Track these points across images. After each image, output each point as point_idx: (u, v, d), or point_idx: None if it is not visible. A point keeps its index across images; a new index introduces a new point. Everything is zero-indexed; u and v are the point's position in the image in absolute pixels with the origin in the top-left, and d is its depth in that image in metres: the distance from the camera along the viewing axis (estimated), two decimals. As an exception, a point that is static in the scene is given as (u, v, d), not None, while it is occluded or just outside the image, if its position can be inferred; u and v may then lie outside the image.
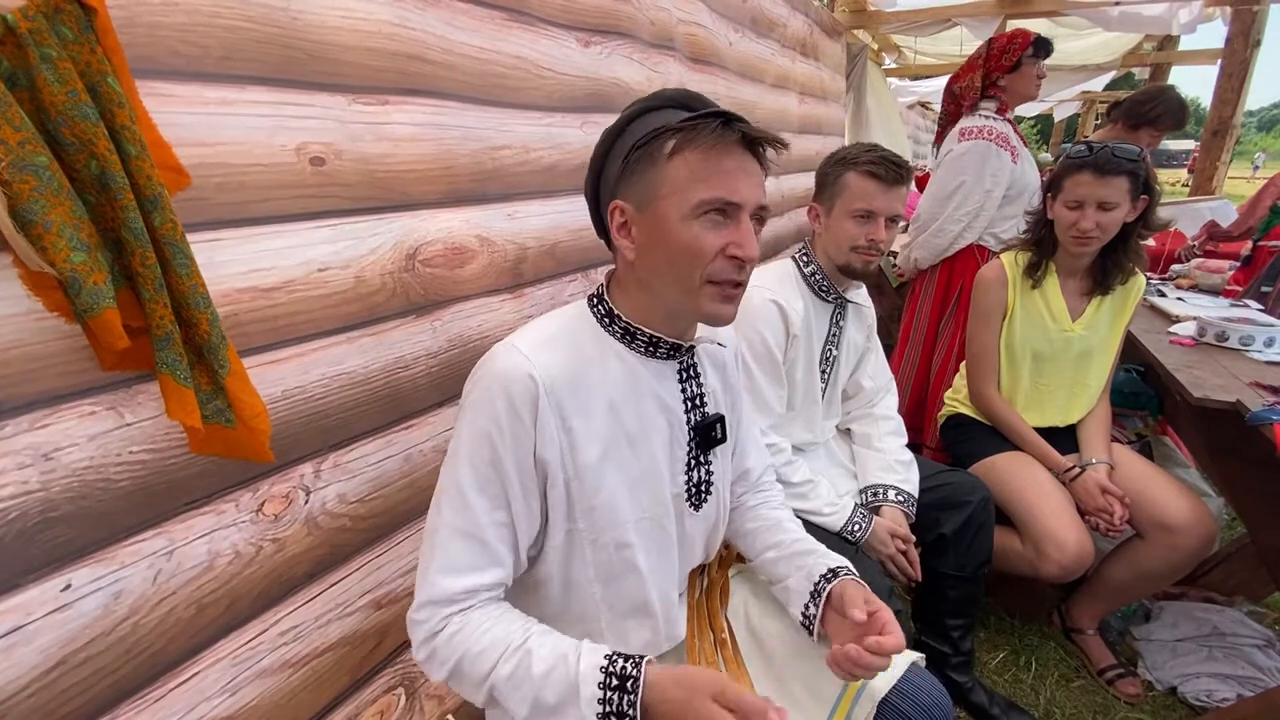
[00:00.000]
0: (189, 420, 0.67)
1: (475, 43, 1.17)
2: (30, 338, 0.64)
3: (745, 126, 0.76)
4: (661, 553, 0.90)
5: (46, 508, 0.65)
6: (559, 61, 1.40)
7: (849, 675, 0.79)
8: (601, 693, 0.71)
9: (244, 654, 0.85)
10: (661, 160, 0.76)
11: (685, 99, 0.82)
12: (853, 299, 1.51)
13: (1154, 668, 1.68)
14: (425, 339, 1.11)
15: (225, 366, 0.71)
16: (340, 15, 0.92)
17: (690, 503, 0.92)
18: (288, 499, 0.90)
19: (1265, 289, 2.18)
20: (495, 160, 1.24)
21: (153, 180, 0.66)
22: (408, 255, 1.06)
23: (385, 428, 1.05)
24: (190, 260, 0.68)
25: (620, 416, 0.83)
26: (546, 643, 0.76)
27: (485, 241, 1.21)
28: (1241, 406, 1.40)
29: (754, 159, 0.79)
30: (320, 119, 0.90)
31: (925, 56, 5.95)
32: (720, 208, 0.76)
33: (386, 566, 1.06)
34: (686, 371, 0.90)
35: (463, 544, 0.77)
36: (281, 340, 0.88)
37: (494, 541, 0.78)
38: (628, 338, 0.85)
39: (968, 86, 2.34)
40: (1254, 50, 3.72)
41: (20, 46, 0.58)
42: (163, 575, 0.76)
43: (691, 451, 0.90)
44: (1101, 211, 1.51)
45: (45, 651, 0.66)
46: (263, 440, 0.75)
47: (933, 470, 1.59)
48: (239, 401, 0.72)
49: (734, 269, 0.78)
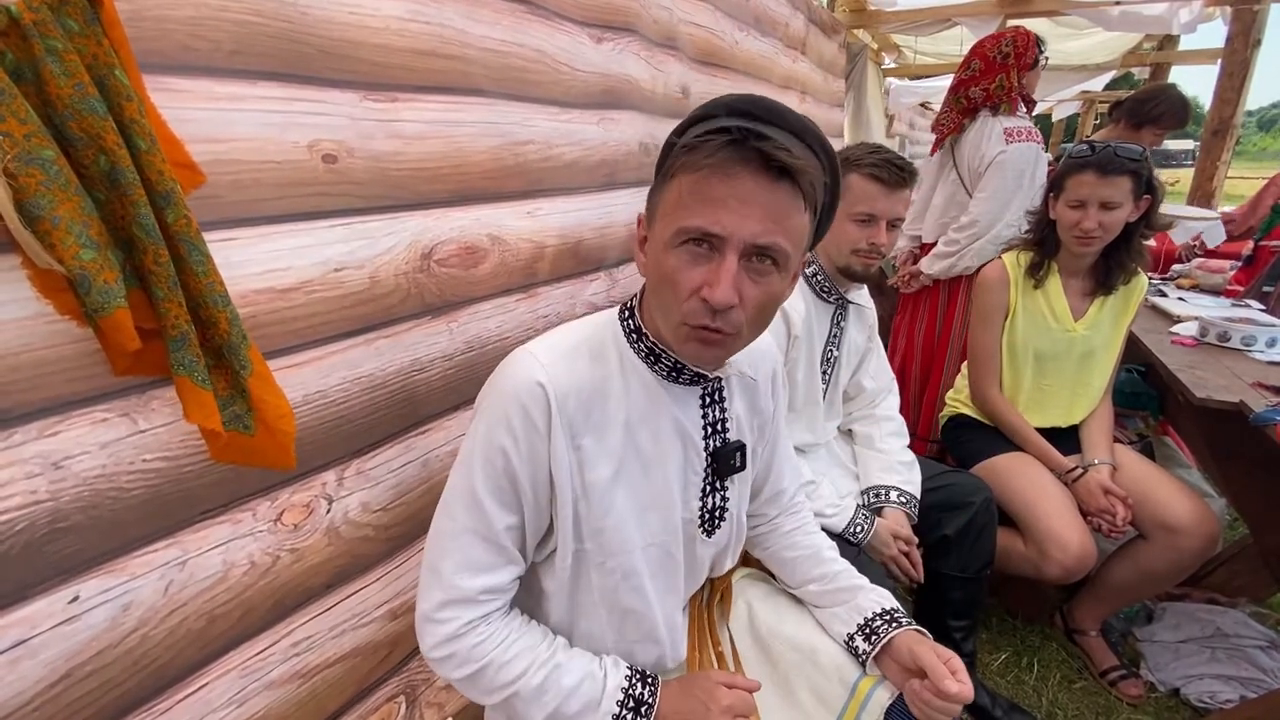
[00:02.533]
0: (209, 423, 0.65)
1: (496, 35, 1.15)
2: (40, 342, 0.62)
3: (764, 144, 0.65)
4: (668, 579, 0.88)
5: (55, 518, 0.63)
6: (575, 57, 1.38)
7: None
8: (619, 710, 0.78)
9: (254, 665, 0.83)
10: (667, 178, 0.71)
11: (745, 106, 0.70)
12: (854, 300, 1.51)
13: (1157, 669, 1.69)
14: (442, 341, 1.09)
15: (247, 367, 0.69)
16: (349, 10, 0.90)
17: (703, 528, 0.90)
18: (308, 508, 0.88)
19: (1267, 289, 2.20)
20: (517, 156, 1.22)
21: (165, 175, 0.64)
22: (423, 255, 1.04)
23: (403, 432, 1.03)
24: (207, 257, 0.66)
25: (635, 438, 0.80)
26: (574, 657, 0.81)
27: (496, 240, 1.19)
28: (1245, 407, 1.41)
29: (776, 186, 0.66)
30: (332, 116, 0.88)
31: (925, 56, 5.94)
32: (697, 239, 0.67)
33: (405, 576, 1.05)
34: (711, 396, 0.86)
35: (480, 546, 0.77)
36: (301, 343, 0.86)
37: (508, 544, 0.78)
38: (651, 358, 0.80)
39: (1000, 88, 2.28)
40: (1254, 50, 3.73)
41: (25, 38, 0.57)
42: (174, 586, 0.74)
43: (707, 478, 0.88)
44: (1104, 211, 1.51)
45: (51, 665, 0.64)
46: (287, 444, 0.73)
47: (935, 471, 1.59)
48: (262, 403, 0.70)
49: (705, 312, 0.68)
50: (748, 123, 0.67)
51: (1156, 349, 1.85)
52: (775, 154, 0.64)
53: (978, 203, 2.29)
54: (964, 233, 2.30)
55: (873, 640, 0.89)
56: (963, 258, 2.32)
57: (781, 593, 1.05)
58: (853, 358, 1.58)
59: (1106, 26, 4.03)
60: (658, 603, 0.86)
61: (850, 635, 0.92)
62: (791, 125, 0.69)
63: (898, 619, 0.91)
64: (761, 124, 0.67)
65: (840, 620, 0.94)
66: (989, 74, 2.30)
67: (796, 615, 1.00)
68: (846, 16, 4.22)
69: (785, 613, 1.00)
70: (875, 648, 0.88)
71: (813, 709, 0.90)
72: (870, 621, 0.91)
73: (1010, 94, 2.27)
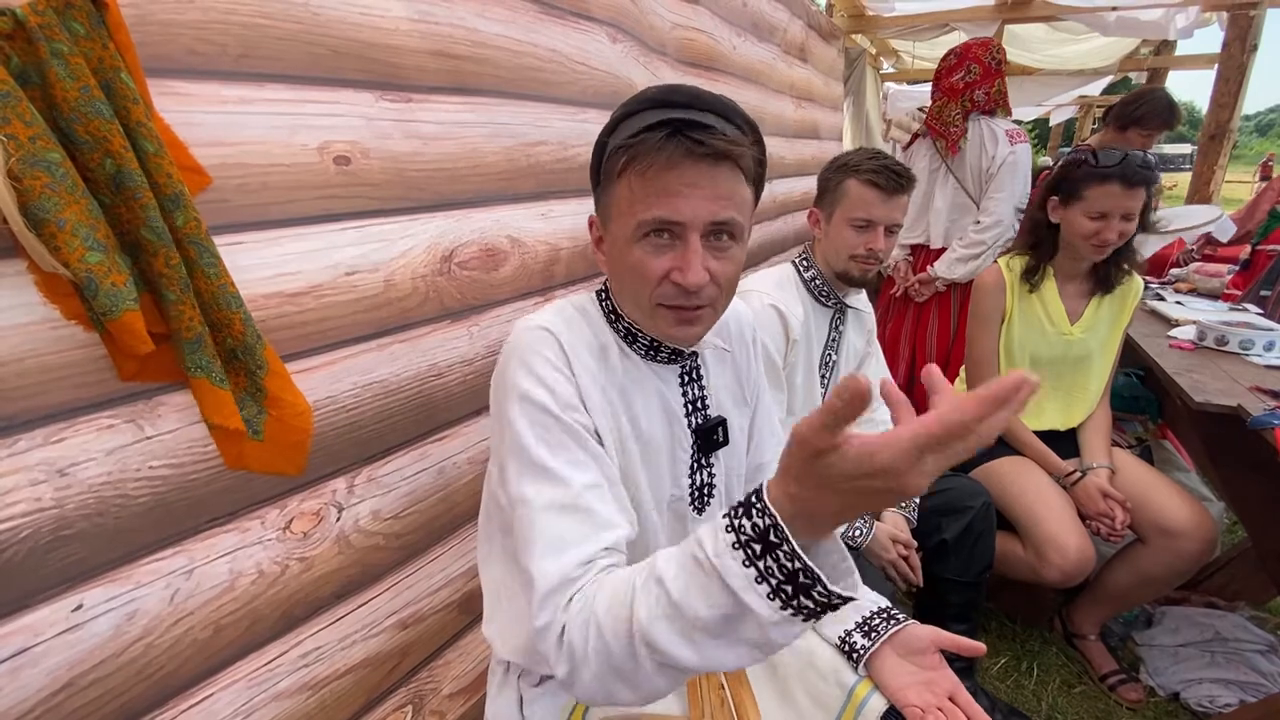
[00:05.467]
0: (230, 422, 0.65)
1: (511, 34, 1.14)
2: (46, 347, 0.61)
3: (700, 134, 0.67)
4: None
5: (60, 525, 0.63)
6: (592, 56, 1.38)
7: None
8: (751, 569, 0.50)
9: (261, 676, 0.82)
10: (614, 180, 0.74)
11: (665, 97, 0.73)
12: (853, 304, 1.52)
13: (1156, 673, 1.69)
14: (462, 345, 1.08)
15: (264, 366, 0.69)
16: (359, 11, 0.89)
17: (694, 506, 0.91)
18: (318, 516, 0.87)
19: (1264, 293, 2.20)
20: (530, 157, 1.21)
21: (173, 178, 0.64)
22: (443, 258, 1.03)
23: (419, 439, 1.02)
24: (217, 259, 0.66)
25: (631, 405, 0.83)
26: (671, 558, 0.58)
27: (516, 242, 1.19)
28: (1243, 411, 1.41)
29: (717, 168, 0.70)
30: (345, 116, 0.88)
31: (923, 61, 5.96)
32: (659, 229, 0.71)
33: (416, 586, 1.04)
34: (689, 375, 0.89)
35: (562, 518, 0.67)
36: (311, 348, 0.85)
37: (595, 505, 0.69)
38: (630, 338, 0.84)
39: (999, 92, 2.38)
40: (1251, 55, 3.75)
41: (30, 42, 0.57)
42: (180, 595, 0.73)
43: (694, 455, 0.90)
44: (1124, 221, 1.52)
45: (53, 674, 0.63)
46: (304, 441, 0.72)
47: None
48: (280, 402, 0.70)
49: (679, 294, 0.73)
50: (678, 113, 0.70)
51: (1154, 352, 1.85)
52: (711, 141, 0.68)
53: (998, 203, 2.34)
54: (989, 233, 2.35)
55: (872, 636, 0.89)
56: (988, 258, 2.36)
57: None
58: (851, 362, 1.59)
59: (1103, 31, 4.05)
60: None
61: (847, 632, 0.91)
62: (713, 106, 0.73)
63: (897, 617, 0.91)
64: (689, 110, 0.71)
65: (834, 617, 0.92)
66: (988, 79, 2.37)
67: None
68: (845, 21, 4.23)
69: None
70: (875, 643, 0.88)
71: (809, 711, 0.89)
72: (869, 619, 0.90)
73: (1004, 98, 2.37)
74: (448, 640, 1.13)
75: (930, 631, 0.88)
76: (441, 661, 1.14)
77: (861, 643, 0.89)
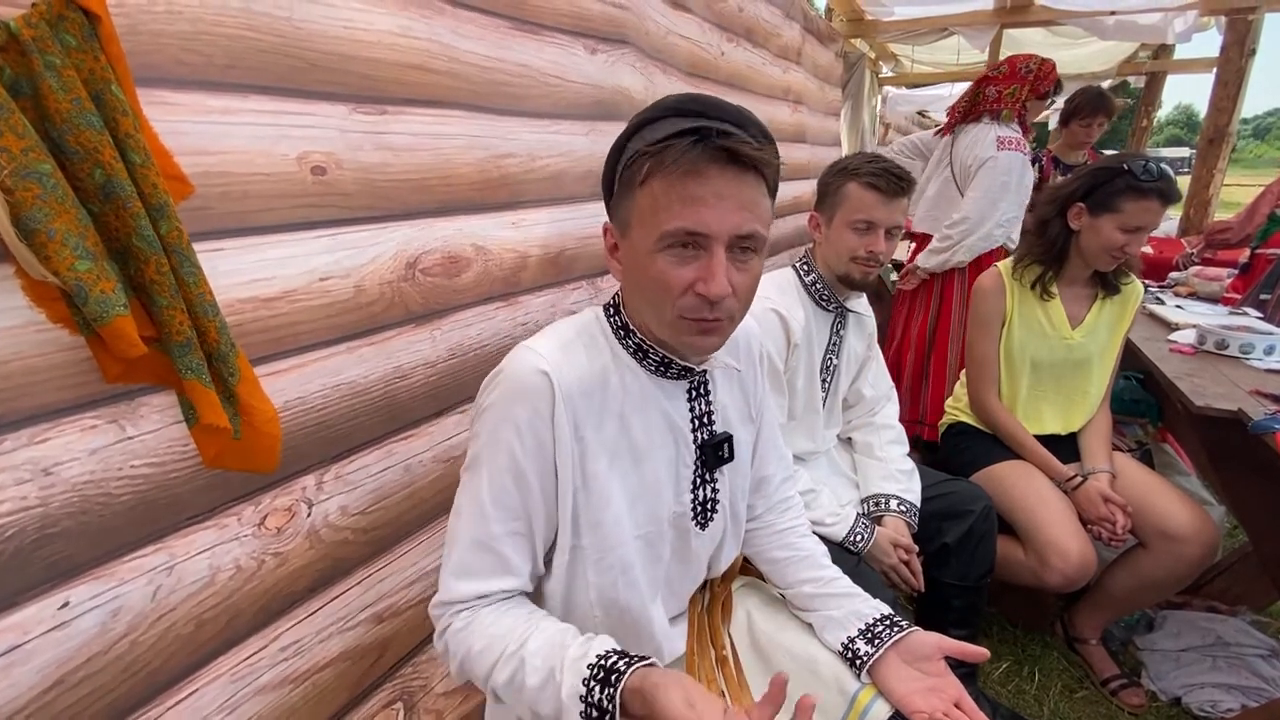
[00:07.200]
0: (221, 420, 0.67)
1: (481, 50, 1.16)
2: (30, 350, 0.62)
3: (729, 141, 0.68)
4: (656, 570, 0.89)
5: (45, 524, 0.64)
6: (568, 69, 1.40)
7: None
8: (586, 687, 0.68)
9: (243, 670, 0.83)
10: (635, 187, 0.73)
11: (686, 105, 0.73)
12: (853, 308, 1.52)
13: (1158, 678, 1.68)
14: (424, 348, 1.10)
15: (236, 374, 0.70)
16: (342, 25, 0.91)
17: (696, 521, 0.91)
18: (290, 512, 0.88)
19: (1264, 296, 2.19)
20: (500, 168, 1.23)
21: (159, 189, 0.65)
22: (407, 264, 1.05)
23: (385, 438, 1.04)
24: (197, 268, 0.67)
25: (629, 428, 0.82)
26: (541, 650, 0.72)
27: (480, 250, 1.21)
28: (1243, 415, 1.40)
29: (743, 178, 0.70)
30: (322, 128, 0.89)
31: (922, 65, 5.99)
32: (684, 240, 0.70)
33: (388, 579, 1.05)
34: (696, 390, 0.89)
35: (477, 554, 0.77)
36: (283, 351, 0.87)
37: (509, 553, 0.78)
38: (640, 354, 0.83)
39: (1011, 96, 2.41)
40: (1249, 59, 3.75)
41: (24, 54, 0.58)
42: (162, 591, 0.74)
43: (698, 470, 0.89)
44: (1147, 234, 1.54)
45: (43, 671, 0.65)
46: (274, 445, 0.74)
47: (935, 479, 1.59)
48: (250, 409, 0.71)
49: (702, 306, 0.72)
50: (705, 121, 0.70)
51: (1155, 356, 1.85)
52: (741, 149, 0.68)
53: (969, 201, 2.41)
54: (956, 229, 2.43)
55: (876, 643, 0.88)
56: (956, 253, 2.45)
57: (781, 602, 1.05)
58: (852, 366, 1.59)
59: (1102, 36, 4.06)
60: (650, 598, 0.87)
61: (850, 639, 0.90)
62: (733, 117, 0.73)
63: (900, 623, 0.90)
64: (716, 120, 0.71)
65: (836, 624, 0.92)
66: (1010, 79, 2.42)
67: (796, 625, 0.99)
68: (844, 26, 4.25)
69: (785, 622, 1.00)
70: (880, 650, 0.87)
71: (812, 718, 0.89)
72: (872, 626, 0.90)
73: (1016, 104, 2.40)
74: (429, 636, 1.14)
75: (935, 638, 0.88)
76: (426, 657, 1.15)
77: (865, 649, 0.88)
